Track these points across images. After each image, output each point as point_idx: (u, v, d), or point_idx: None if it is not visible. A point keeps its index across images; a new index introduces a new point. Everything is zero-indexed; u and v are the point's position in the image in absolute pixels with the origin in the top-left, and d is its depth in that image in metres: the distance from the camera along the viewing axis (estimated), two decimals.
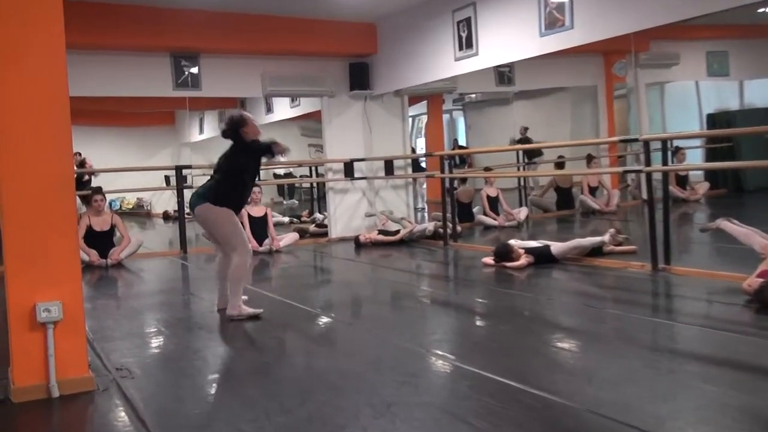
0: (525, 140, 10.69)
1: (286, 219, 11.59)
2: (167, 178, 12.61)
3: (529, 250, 6.42)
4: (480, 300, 5.27)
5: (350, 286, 6.25)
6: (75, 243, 3.32)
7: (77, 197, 8.67)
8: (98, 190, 7.99)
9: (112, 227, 7.87)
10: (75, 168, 10.67)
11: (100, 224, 7.83)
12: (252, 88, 9.15)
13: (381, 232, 8.73)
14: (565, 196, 10.52)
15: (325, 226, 9.92)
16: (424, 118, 14.02)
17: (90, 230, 7.73)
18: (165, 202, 14.14)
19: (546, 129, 10.89)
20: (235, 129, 4.79)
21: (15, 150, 3.25)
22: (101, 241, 7.78)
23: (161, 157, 13.91)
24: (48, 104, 3.28)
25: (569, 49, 6.66)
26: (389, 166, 9.58)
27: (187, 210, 9.84)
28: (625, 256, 6.44)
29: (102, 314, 5.23)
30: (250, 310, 4.80)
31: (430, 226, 8.58)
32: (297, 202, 14.77)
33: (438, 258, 7.70)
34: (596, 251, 6.51)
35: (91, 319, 4.82)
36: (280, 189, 14.61)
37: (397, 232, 8.66)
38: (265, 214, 8.53)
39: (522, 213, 9.81)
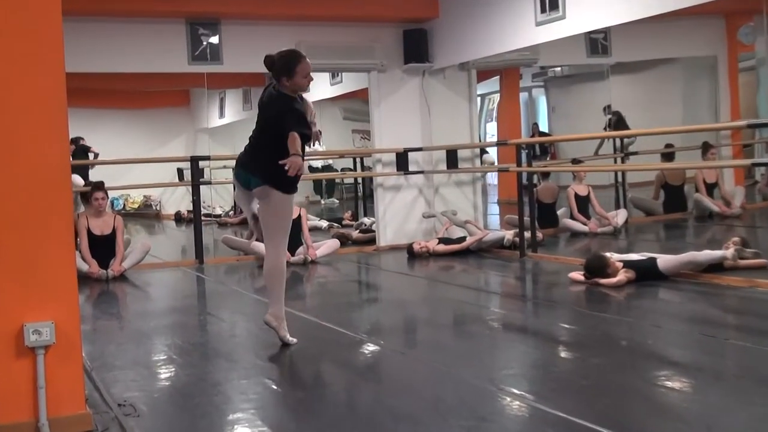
0: (618, 126, 10.52)
1: (324, 223, 11.67)
2: (180, 172, 12.80)
3: (629, 264, 6.32)
4: (566, 326, 5.21)
5: (403, 307, 6.25)
6: (71, 251, 3.39)
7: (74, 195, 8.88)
8: (99, 185, 8.15)
9: (114, 231, 8.03)
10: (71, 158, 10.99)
11: (101, 227, 7.99)
12: None
13: (442, 240, 8.70)
14: (675, 195, 10.32)
15: (372, 232, 9.95)
16: (497, 98, 13.95)
17: (89, 235, 7.91)
18: (177, 200, 14.38)
19: (651, 111, 10.71)
20: (276, 72, 4.50)
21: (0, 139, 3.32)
22: (102, 247, 7.94)
23: (173, 145, 14.13)
24: (40, 83, 3.35)
25: (682, 11, 6.53)
26: (452, 158, 9.55)
27: (204, 210, 10.00)
28: (752, 272, 6.28)
29: (102, 338, 5.33)
30: (287, 336, 4.80)
31: (508, 234, 8.51)
32: (337, 201, 14.85)
33: (513, 272, 7.63)
34: (716, 266, 6.36)
35: (90, 344, 4.92)
36: (317, 185, 14.71)
37: (462, 239, 8.63)
38: (299, 217, 8.59)
39: (619, 216, 9.66)
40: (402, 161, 9.59)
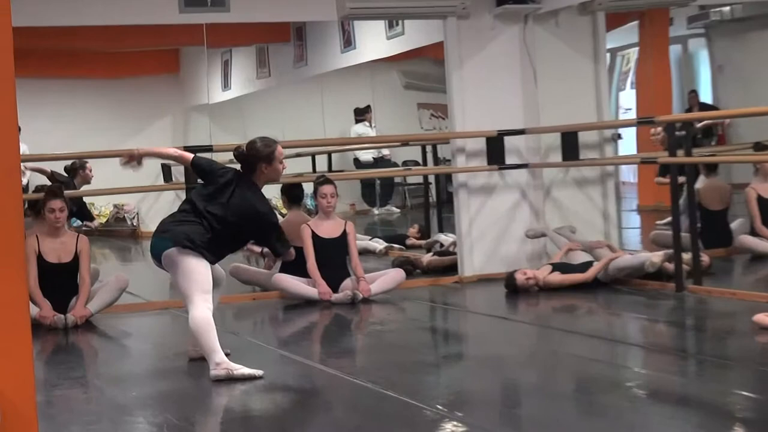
0: None
1: (380, 244, 11.69)
2: (167, 170, 12.95)
3: None
4: (749, 394, 5.15)
5: (500, 366, 6.23)
6: (22, 289, 3.44)
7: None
8: (56, 191, 8.22)
9: (76, 258, 8.14)
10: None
11: (57, 252, 8.10)
12: (318, 7, 9.30)
13: (557, 267, 8.66)
14: None
15: (453, 255, 9.95)
16: (635, 54, 13.88)
17: (40, 262, 8.00)
18: (163, 211, 14.51)
19: None
20: (254, 161, 6.18)
21: None
22: (58, 281, 8.05)
23: (157, 131, 14.33)
24: None
25: None
26: (570, 144, 9.50)
27: None
28: None
29: (63, 414, 5.40)
30: (245, 370, 5.80)
31: (654, 257, 8.45)
32: (398, 210, 14.87)
33: (664, 313, 7.59)
34: None
35: (46, 422, 4.97)
36: (367, 188, 14.77)
37: (588, 265, 8.57)
38: (344, 235, 8.63)
39: None
40: (495, 150, 9.55)
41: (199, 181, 6.52)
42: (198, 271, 6.01)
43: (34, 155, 11.72)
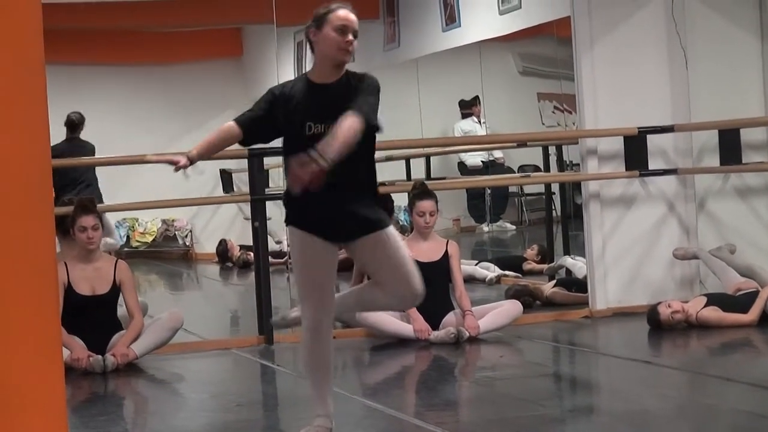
0: None
1: (491, 271, 11.66)
2: (227, 177, 13.06)
3: None
4: None
5: (642, 423, 6.20)
6: (55, 328, 3.49)
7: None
8: (87, 205, 8.26)
9: (116, 287, 8.25)
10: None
11: (91, 281, 8.19)
12: None
13: (712, 299, 8.60)
14: None
15: (581, 286, 9.94)
16: None
17: (69, 295, 8.07)
18: (222, 228, 14.67)
19: None
20: (306, 30, 5.72)
21: None
22: (92, 318, 8.15)
23: (214, 127, 14.40)
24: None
25: None
26: (731, 145, 9.41)
27: (273, 245, 10.18)
28: None
29: None
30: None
31: None
32: (513, 227, 14.83)
33: None
34: None
35: None
36: (475, 198, 14.77)
37: (751, 298, 8.50)
38: (445, 257, 8.65)
39: None
40: (635, 152, 9.54)
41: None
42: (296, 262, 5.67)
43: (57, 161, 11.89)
